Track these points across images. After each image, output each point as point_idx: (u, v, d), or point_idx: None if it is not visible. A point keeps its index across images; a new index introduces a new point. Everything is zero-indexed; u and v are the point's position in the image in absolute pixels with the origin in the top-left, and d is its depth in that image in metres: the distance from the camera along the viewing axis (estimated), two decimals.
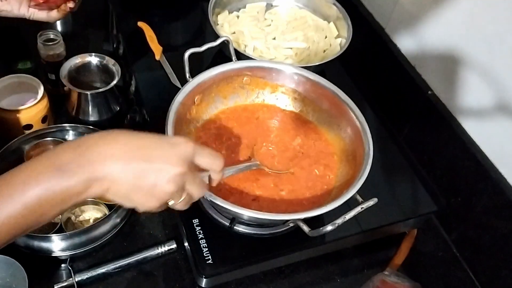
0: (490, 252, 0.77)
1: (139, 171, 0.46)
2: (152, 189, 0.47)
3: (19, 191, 0.44)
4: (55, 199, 0.45)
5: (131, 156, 0.46)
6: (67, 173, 0.44)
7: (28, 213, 0.44)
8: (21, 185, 0.44)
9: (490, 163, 0.75)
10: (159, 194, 0.48)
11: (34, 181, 0.44)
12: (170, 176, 0.47)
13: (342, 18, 0.93)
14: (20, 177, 0.45)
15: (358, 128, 0.69)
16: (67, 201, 0.46)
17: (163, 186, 0.47)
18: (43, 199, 0.44)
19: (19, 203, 0.44)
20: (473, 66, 0.77)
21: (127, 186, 0.47)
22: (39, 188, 0.44)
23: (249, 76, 0.75)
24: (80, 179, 0.45)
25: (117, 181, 0.46)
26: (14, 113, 0.78)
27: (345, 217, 0.57)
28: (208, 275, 0.66)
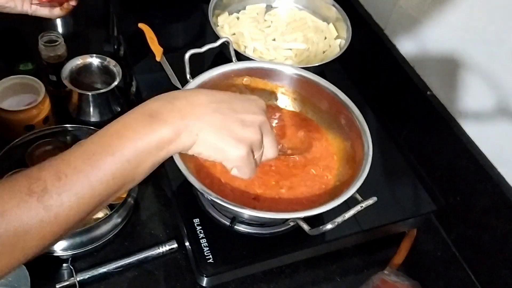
0: (490, 252, 0.77)
1: (227, 118, 0.49)
2: (241, 135, 0.49)
3: (115, 143, 0.44)
4: (150, 147, 0.45)
5: (217, 106, 0.49)
6: (158, 119, 0.46)
7: (127, 166, 0.45)
8: (117, 136, 0.45)
9: (489, 163, 0.75)
10: (247, 140, 0.49)
11: (129, 131, 0.45)
12: (255, 124, 0.50)
13: (341, 19, 0.94)
14: (115, 129, 0.45)
15: (358, 128, 0.70)
16: (160, 149, 0.46)
17: (251, 132, 0.49)
18: (139, 148, 0.45)
19: (118, 156, 0.44)
20: (472, 67, 0.78)
21: (216, 131, 0.48)
22: (134, 136, 0.45)
23: (249, 77, 0.76)
24: (171, 125, 0.46)
25: (206, 128, 0.48)
26: (16, 114, 0.78)
27: (345, 215, 0.57)
28: (209, 274, 0.66)
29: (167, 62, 0.90)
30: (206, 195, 0.60)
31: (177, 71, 0.89)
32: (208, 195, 0.59)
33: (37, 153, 0.79)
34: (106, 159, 0.44)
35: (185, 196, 0.72)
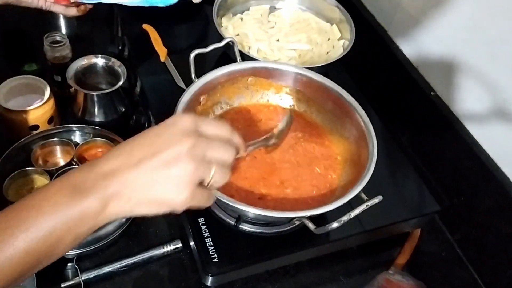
0: (494, 252, 0.77)
1: (153, 167, 0.44)
2: (175, 177, 0.44)
3: (33, 216, 0.41)
4: (71, 222, 0.42)
5: (139, 157, 0.44)
6: (81, 190, 0.43)
7: (43, 243, 0.41)
8: (34, 209, 0.41)
9: (493, 163, 0.75)
10: (184, 178, 0.44)
11: (49, 205, 0.42)
12: (182, 155, 0.44)
13: (345, 21, 0.94)
14: (34, 201, 0.42)
15: (362, 128, 0.70)
16: (85, 223, 0.43)
17: (183, 168, 0.44)
18: (58, 223, 0.41)
19: (33, 232, 0.41)
20: (476, 68, 0.78)
21: (147, 187, 0.44)
22: (54, 210, 0.41)
23: (253, 77, 0.76)
24: (96, 196, 0.42)
25: (136, 189, 0.44)
26: (21, 113, 0.78)
27: (351, 214, 0.57)
28: (214, 273, 0.66)
29: (172, 63, 0.90)
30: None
31: (181, 72, 0.89)
32: (215, 194, 0.59)
33: (41, 153, 0.79)
34: (19, 235, 0.40)
35: None
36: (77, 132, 0.82)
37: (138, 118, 0.91)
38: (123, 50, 1.00)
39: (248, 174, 0.70)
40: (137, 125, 0.90)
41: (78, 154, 0.78)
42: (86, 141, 0.79)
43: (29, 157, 0.77)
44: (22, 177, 0.75)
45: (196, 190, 0.46)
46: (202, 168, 0.45)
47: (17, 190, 0.74)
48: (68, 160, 0.77)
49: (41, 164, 0.79)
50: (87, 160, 0.79)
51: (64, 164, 0.77)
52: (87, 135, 0.82)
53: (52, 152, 0.80)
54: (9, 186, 0.73)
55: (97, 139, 0.80)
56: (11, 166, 0.76)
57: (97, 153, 0.80)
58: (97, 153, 0.80)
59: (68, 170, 0.75)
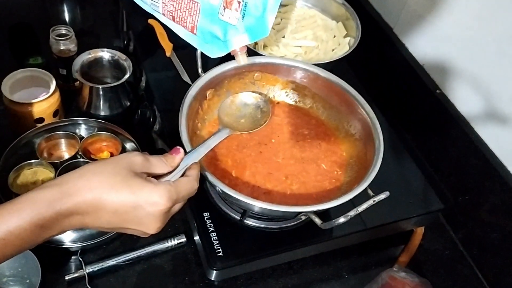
0: (498, 251, 0.77)
1: (118, 230, 0.53)
2: (141, 232, 0.53)
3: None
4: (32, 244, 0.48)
5: (107, 221, 0.50)
6: (47, 230, 0.47)
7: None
8: (4, 242, 0.45)
9: (498, 161, 0.75)
10: (150, 232, 0.52)
11: (15, 238, 0.46)
12: (150, 232, 0.53)
13: (350, 18, 0.94)
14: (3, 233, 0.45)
15: (369, 124, 0.70)
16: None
17: (151, 229, 0.52)
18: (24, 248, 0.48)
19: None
20: (481, 66, 0.78)
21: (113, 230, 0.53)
22: (19, 243, 0.46)
23: (260, 72, 0.76)
24: (61, 231, 0.49)
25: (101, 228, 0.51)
26: (26, 106, 0.78)
27: (358, 209, 0.57)
28: (219, 267, 0.66)
29: (177, 58, 0.90)
30: (218, 188, 0.60)
31: (186, 67, 0.89)
32: (222, 188, 0.59)
33: (46, 146, 0.79)
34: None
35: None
36: (82, 125, 0.82)
37: (143, 112, 0.91)
38: (129, 45, 1.00)
39: (254, 169, 0.70)
40: (142, 119, 0.90)
41: (83, 147, 0.78)
42: (91, 135, 0.79)
43: (34, 150, 0.77)
44: (27, 169, 0.75)
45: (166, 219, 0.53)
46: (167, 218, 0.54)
47: (22, 183, 0.74)
48: (73, 153, 0.77)
49: (46, 157, 0.79)
50: (92, 153, 0.79)
51: (69, 157, 0.77)
52: (92, 129, 0.82)
53: (57, 145, 0.80)
54: (14, 179, 0.73)
55: (102, 133, 0.80)
56: (16, 158, 0.76)
57: (101, 147, 0.80)
58: (101, 146, 0.80)
59: (72, 163, 0.75)
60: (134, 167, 0.51)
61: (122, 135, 0.81)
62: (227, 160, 0.70)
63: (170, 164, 0.54)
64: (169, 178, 0.54)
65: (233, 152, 0.71)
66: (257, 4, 0.62)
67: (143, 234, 0.53)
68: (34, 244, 0.48)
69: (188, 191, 0.54)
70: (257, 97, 0.74)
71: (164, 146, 0.82)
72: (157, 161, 0.53)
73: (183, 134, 0.63)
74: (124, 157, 0.52)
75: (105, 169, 0.49)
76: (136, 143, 0.80)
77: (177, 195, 0.52)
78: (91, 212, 0.48)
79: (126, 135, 0.81)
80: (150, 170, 0.52)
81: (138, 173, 0.51)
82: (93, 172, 0.49)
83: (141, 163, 0.51)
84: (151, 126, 0.88)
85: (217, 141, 0.63)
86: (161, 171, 0.53)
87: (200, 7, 0.64)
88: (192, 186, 0.54)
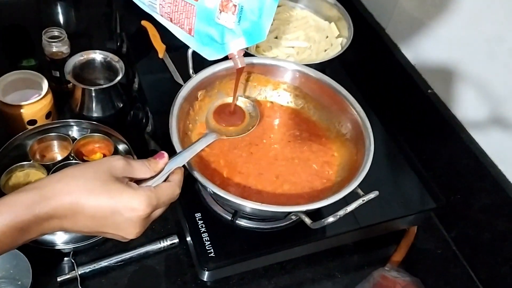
0: (490, 250, 0.77)
1: (96, 233, 0.52)
2: (120, 237, 0.52)
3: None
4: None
5: (84, 225, 0.50)
6: (26, 233, 0.47)
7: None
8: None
9: (490, 160, 0.76)
10: (131, 233, 0.51)
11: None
12: (128, 237, 0.52)
13: (343, 19, 0.94)
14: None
15: (359, 124, 0.70)
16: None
17: (130, 234, 0.51)
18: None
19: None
20: (473, 66, 0.78)
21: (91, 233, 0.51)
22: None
23: (251, 73, 0.76)
24: (40, 234, 0.48)
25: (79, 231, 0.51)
26: (19, 108, 0.78)
27: (347, 209, 0.57)
28: (211, 268, 0.66)
29: (170, 59, 0.90)
30: (209, 189, 0.60)
31: (179, 69, 0.89)
32: (212, 189, 0.59)
33: (39, 148, 0.79)
34: None
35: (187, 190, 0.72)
36: (74, 127, 0.82)
37: (135, 114, 0.91)
38: (122, 46, 1.00)
39: (245, 169, 0.70)
40: (135, 121, 0.90)
41: (75, 149, 0.78)
42: (83, 136, 0.79)
43: (26, 152, 0.77)
44: (19, 171, 0.75)
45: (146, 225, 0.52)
46: (147, 223, 0.53)
47: (14, 185, 0.74)
48: (65, 155, 0.77)
49: (38, 158, 0.79)
50: (84, 155, 0.79)
51: (61, 158, 0.77)
52: (85, 130, 0.82)
53: (50, 147, 0.80)
54: (6, 181, 0.73)
55: (94, 134, 0.80)
56: (8, 160, 0.76)
57: (94, 148, 0.80)
58: (94, 148, 0.80)
59: (65, 165, 0.75)
60: (115, 171, 0.50)
61: (114, 137, 0.81)
62: (218, 160, 0.70)
63: (153, 169, 0.54)
64: (151, 183, 0.53)
65: (224, 152, 0.72)
66: (253, 8, 0.62)
67: (122, 238, 0.52)
68: (13, 247, 0.47)
69: (169, 197, 0.53)
70: (245, 101, 0.74)
71: (157, 148, 0.82)
72: (139, 166, 0.53)
73: (174, 135, 0.63)
74: (105, 161, 0.51)
75: (85, 173, 0.49)
76: (128, 145, 0.80)
77: (157, 201, 0.51)
78: (69, 216, 0.48)
79: (118, 137, 0.81)
80: (132, 175, 0.52)
81: (119, 178, 0.50)
82: (72, 176, 0.49)
83: (123, 167, 0.51)
84: (144, 127, 0.88)
85: (203, 146, 0.63)
86: (143, 175, 0.53)
87: (196, 10, 0.64)
88: (173, 191, 0.54)
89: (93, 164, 0.51)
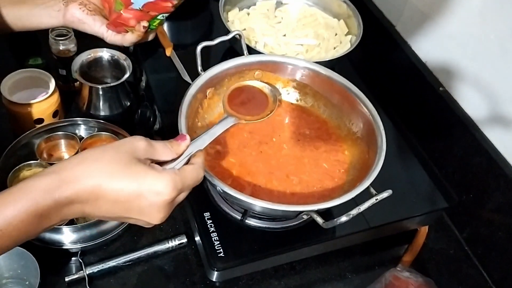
0: (503, 250, 0.76)
1: (119, 219, 0.51)
2: (144, 222, 0.50)
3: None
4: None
5: (106, 211, 0.48)
6: (45, 220, 0.45)
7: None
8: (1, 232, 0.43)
9: (503, 158, 0.74)
10: (156, 218, 0.49)
11: (13, 228, 0.44)
12: (152, 222, 0.50)
13: (352, 16, 0.93)
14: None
15: (371, 122, 0.69)
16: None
17: (155, 219, 0.50)
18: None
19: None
20: (485, 63, 0.77)
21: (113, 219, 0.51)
22: (16, 234, 0.44)
23: (260, 71, 0.75)
24: (61, 220, 0.47)
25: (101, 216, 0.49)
26: (26, 107, 0.78)
27: (360, 208, 0.56)
28: (220, 268, 0.65)
29: (177, 58, 0.90)
30: (218, 188, 0.59)
31: (187, 67, 0.88)
32: (222, 188, 0.58)
33: (46, 146, 0.79)
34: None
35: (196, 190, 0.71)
36: (81, 125, 0.81)
37: (143, 112, 0.90)
38: None
39: (255, 168, 0.70)
40: (142, 119, 0.89)
41: (82, 148, 0.77)
42: (90, 135, 0.79)
43: (33, 151, 0.76)
44: (26, 170, 0.74)
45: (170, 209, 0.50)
46: (172, 208, 0.51)
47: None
48: (73, 154, 0.77)
49: (46, 157, 0.78)
50: None
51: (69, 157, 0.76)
52: (92, 129, 0.81)
53: (57, 145, 0.80)
54: (13, 180, 0.72)
55: (102, 133, 0.79)
56: (15, 159, 0.75)
57: None
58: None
59: None
60: (137, 152, 0.48)
61: (122, 135, 0.80)
62: (228, 159, 0.69)
63: (175, 151, 0.51)
64: (172, 165, 0.51)
65: (234, 151, 0.71)
66: None
67: (146, 224, 0.50)
68: (33, 235, 0.46)
69: (194, 180, 0.51)
70: (264, 86, 0.71)
71: None
72: (161, 147, 0.50)
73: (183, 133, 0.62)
74: (126, 142, 0.49)
75: (106, 155, 0.47)
76: None
77: (182, 184, 0.49)
78: (91, 201, 0.46)
79: (126, 135, 0.80)
80: (154, 157, 0.50)
81: (141, 159, 0.48)
82: (93, 158, 0.47)
83: (145, 148, 0.49)
84: (152, 126, 0.88)
85: (222, 129, 0.60)
86: (165, 157, 0.51)
87: None
88: (198, 174, 0.51)
89: (114, 145, 0.48)
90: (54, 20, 0.79)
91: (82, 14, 0.78)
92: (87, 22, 0.79)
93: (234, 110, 0.65)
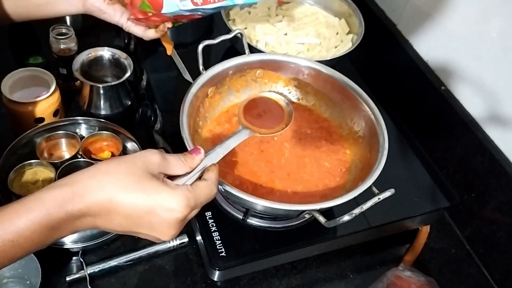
0: (504, 249, 0.76)
1: (129, 233, 0.50)
2: (155, 239, 0.50)
3: (11, 253, 0.44)
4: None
5: (118, 224, 0.48)
6: (57, 231, 0.45)
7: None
8: (11, 244, 0.44)
9: (505, 157, 0.74)
10: (166, 235, 0.49)
11: (24, 241, 0.44)
12: (163, 238, 0.49)
13: (353, 15, 0.93)
14: (12, 235, 0.44)
15: (372, 121, 0.69)
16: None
17: (165, 235, 0.49)
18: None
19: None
20: (487, 62, 0.77)
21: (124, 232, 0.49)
22: (29, 245, 0.45)
23: (262, 70, 0.75)
24: (72, 231, 0.47)
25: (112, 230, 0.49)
26: (26, 106, 0.78)
27: (362, 207, 0.56)
28: (222, 267, 0.65)
29: (178, 57, 0.89)
30: (221, 187, 0.59)
31: (187, 66, 0.88)
32: (223, 186, 0.58)
33: (47, 146, 0.78)
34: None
35: None
36: (82, 125, 0.81)
37: (144, 111, 0.90)
38: (129, 43, 0.99)
39: (256, 168, 0.69)
40: (143, 119, 0.89)
41: (83, 147, 0.77)
42: (91, 134, 0.79)
43: (34, 150, 0.76)
44: (27, 169, 0.74)
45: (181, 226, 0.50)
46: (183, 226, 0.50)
47: (22, 183, 0.73)
48: (73, 153, 0.76)
49: (46, 157, 0.78)
50: (92, 153, 0.79)
51: (70, 157, 0.76)
52: (93, 128, 0.81)
53: (57, 145, 0.80)
54: (14, 179, 0.72)
55: (102, 132, 0.79)
56: (16, 158, 0.75)
57: (102, 146, 0.79)
58: (102, 146, 0.79)
59: (73, 163, 0.74)
60: (150, 167, 0.47)
61: (123, 135, 0.80)
62: (229, 158, 0.69)
63: (189, 165, 0.51)
64: (185, 179, 0.51)
65: (235, 150, 0.70)
66: None
67: (156, 239, 0.50)
68: (43, 246, 0.46)
69: (207, 196, 0.50)
70: (279, 99, 0.70)
71: (166, 145, 0.81)
72: (175, 161, 0.50)
73: (184, 132, 0.62)
74: (140, 155, 0.48)
75: (119, 169, 0.46)
76: (137, 143, 0.79)
77: (195, 202, 0.48)
78: (103, 214, 0.46)
79: (127, 135, 0.80)
80: (167, 171, 0.49)
81: (155, 174, 0.47)
82: (106, 172, 0.46)
83: (159, 162, 0.48)
84: (152, 125, 0.87)
85: (237, 142, 0.59)
86: (179, 172, 0.50)
87: None
88: (211, 191, 0.51)
89: (128, 159, 0.48)
90: (73, 7, 0.78)
91: (102, 4, 0.78)
92: (108, 12, 0.79)
93: (249, 122, 0.65)
